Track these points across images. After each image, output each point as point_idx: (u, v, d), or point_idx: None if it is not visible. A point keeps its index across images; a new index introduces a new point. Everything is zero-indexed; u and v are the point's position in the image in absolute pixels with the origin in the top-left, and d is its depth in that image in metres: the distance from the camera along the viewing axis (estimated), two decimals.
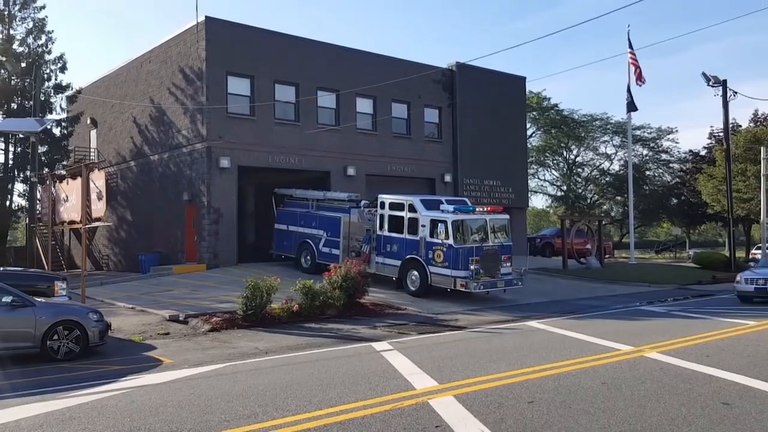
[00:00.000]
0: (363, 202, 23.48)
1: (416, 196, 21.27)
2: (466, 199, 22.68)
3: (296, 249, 24.69)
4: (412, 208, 20.37)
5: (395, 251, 20.71)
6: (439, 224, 19.18)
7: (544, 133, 62.21)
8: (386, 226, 21.09)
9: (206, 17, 27.09)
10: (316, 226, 24.02)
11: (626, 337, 12.73)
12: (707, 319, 15.59)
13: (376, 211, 21.64)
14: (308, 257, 24.13)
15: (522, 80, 38.61)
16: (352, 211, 23.04)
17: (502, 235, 20.09)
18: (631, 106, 37.51)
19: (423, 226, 19.76)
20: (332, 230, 23.25)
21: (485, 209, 20.31)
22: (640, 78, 36.02)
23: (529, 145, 51.73)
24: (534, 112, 57.88)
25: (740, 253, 43.84)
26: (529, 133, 53.26)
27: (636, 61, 36.18)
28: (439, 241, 19.10)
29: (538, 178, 64.29)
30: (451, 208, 19.66)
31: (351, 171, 30.05)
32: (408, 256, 20.16)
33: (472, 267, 18.55)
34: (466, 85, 34.55)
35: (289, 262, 25.36)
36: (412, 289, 19.93)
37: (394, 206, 21.09)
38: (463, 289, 18.54)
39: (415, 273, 19.90)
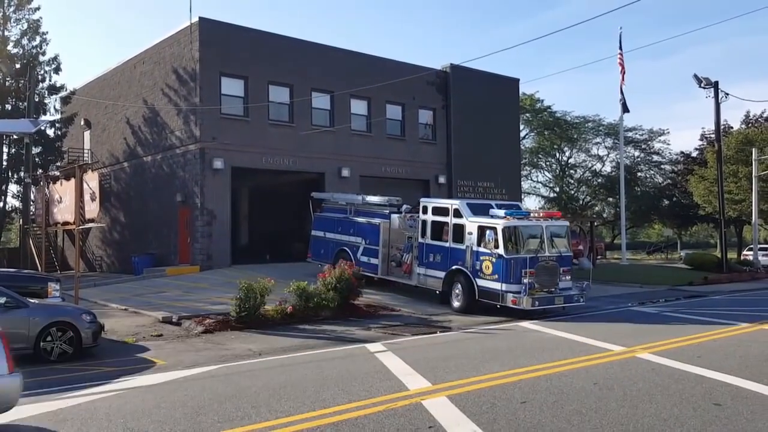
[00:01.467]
0: (404, 207, 21.21)
1: (463, 200, 19.18)
2: (518, 204, 20.62)
3: (333, 257, 21.91)
4: (457, 213, 18.15)
5: (439, 261, 18.50)
6: (488, 231, 16.86)
7: (537, 135, 62.40)
8: (429, 234, 18.97)
9: (200, 18, 27.07)
10: (354, 233, 21.89)
11: (618, 337, 12.79)
12: (699, 320, 15.69)
13: (418, 216, 19.64)
14: None
15: (515, 82, 38.73)
16: (393, 216, 20.80)
17: (561, 244, 17.50)
18: (624, 108, 37.74)
19: (470, 233, 17.50)
20: (371, 237, 21.12)
21: (541, 214, 17.87)
22: (622, 79, 36.57)
23: (522, 147, 51.87)
24: (527, 114, 58.05)
25: (732, 255, 44.05)
26: (522, 134, 53.41)
27: (622, 62, 36.60)
28: (488, 251, 16.81)
29: (531, 180, 64.50)
30: (502, 212, 17.27)
31: (345, 172, 30.07)
32: (453, 267, 17.91)
33: (525, 280, 16.15)
34: (459, 86, 34.63)
35: (286, 264, 25.31)
36: (456, 304, 17.74)
37: (437, 211, 19.02)
38: (514, 306, 16.22)
39: (460, 286, 17.67)
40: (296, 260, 28.40)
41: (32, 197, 31.03)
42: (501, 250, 16.52)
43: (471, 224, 17.59)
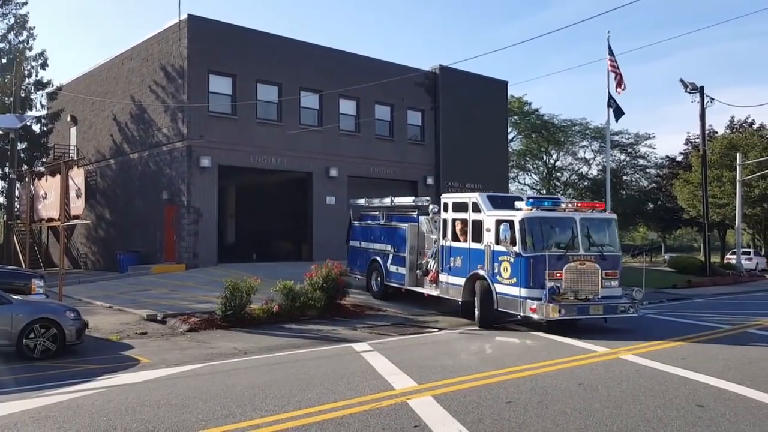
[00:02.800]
0: (431, 207, 18.05)
1: (483, 194, 16.00)
2: (560, 197, 16.58)
3: (367, 269, 20.29)
4: (475, 208, 15.50)
5: (459, 266, 15.88)
6: (504, 225, 14.07)
7: (525, 138, 62.70)
8: (449, 234, 16.36)
9: (189, 15, 26.95)
10: (384, 240, 19.59)
11: (602, 339, 12.88)
12: (682, 323, 15.83)
13: (440, 215, 17.13)
14: (378, 278, 19.71)
15: (504, 84, 38.89)
16: (420, 219, 18.45)
17: (604, 241, 14.44)
18: (619, 112, 37.71)
19: (488, 229, 14.87)
20: (399, 244, 18.69)
21: (576, 204, 14.72)
22: (620, 85, 36.16)
23: (509, 149, 52.10)
24: (515, 117, 58.33)
25: (715, 258, 44.51)
26: (509, 137, 53.64)
27: (616, 67, 36.44)
28: (506, 250, 14.05)
29: (519, 182, 64.80)
30: (524, 204, 14.54)
31: (333, 172, 30.05)
32: (473, 272, 15.21)
33: (549, 284, 13.23)
34: (448, 88, 34.72)
35: (273, 264, 25.23)
36: (477, 313, 15.13)
37: (456, 207, 16.32)
38: (534, 316, 13.38)
39: (479, 294, 14.99)
40: (283, 259, 28.37)
41: (17, 193, 30.79)
42: (519, 248, 13.76)
43: (489, 219, 14.85)
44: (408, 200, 20.00)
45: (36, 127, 34.60)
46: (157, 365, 10.65)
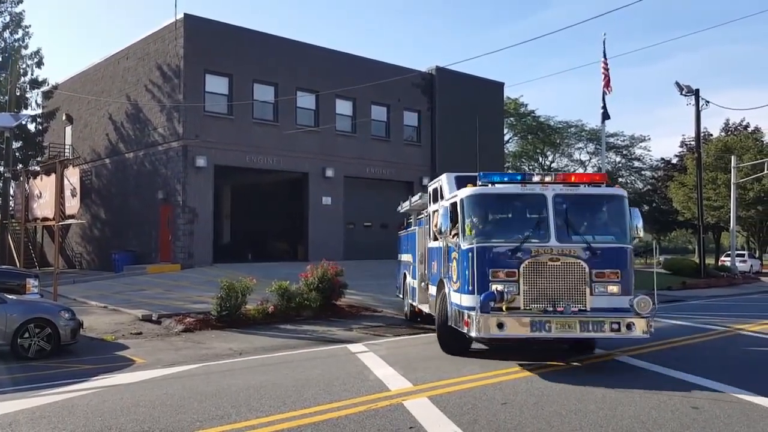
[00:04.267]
0: None
1: (453, 174, 12.41)
2: (532, 173, 12.20)
3: (402, 286, 17.28)
4: (441, 195, 12.40)
5: (435, 272, 12.65)
6: (443, 209, 10.99)
7: (521, 139, 62.84)
8: (430, 232, 13.41)
9: (185, 14, 26.94)
10: (407, 250, 16.29)
11: (597, 341, 12.88)
12: (677, 324, 15.85)
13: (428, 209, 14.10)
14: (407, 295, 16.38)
15: (500, 86, 38.97)
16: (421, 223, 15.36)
17: (597, 228, 10.42)
18: (605, 115, 37.88)
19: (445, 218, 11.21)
20: (414, 252, 15.00)
21: (554, 178, 10.38)
22: (607, 86, 36.39)
23: (505, 151, 52.18)
24: (511, 118, 58.45)
25: (710, 260, 44.65)
26: (505, 138, 53.74)
27: (607, 69, 36.60)
28: (454, 243, 10.67)
29: None
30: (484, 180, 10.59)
31: (329, 173, 30.05)
32: (440, 278, 11.90)
33: (493, 287, 9.49)
34: (445, 89, 34.78)
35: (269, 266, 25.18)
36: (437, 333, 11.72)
37: (433, 196, 13.44)
38: (472, 333, 9.59)
39: (438, 307, 11.73)
40: (278, 260, 28.36)
41: (12, 192, 30.69)
42: (459, 239, 10.31)
43: (444, 205, 11.40)
44: (417, 198, 16.36)
45: (31, 126, 34.51)
46: (152, 365, 10.63)
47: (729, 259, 39.86)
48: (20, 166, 31.95)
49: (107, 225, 31.97)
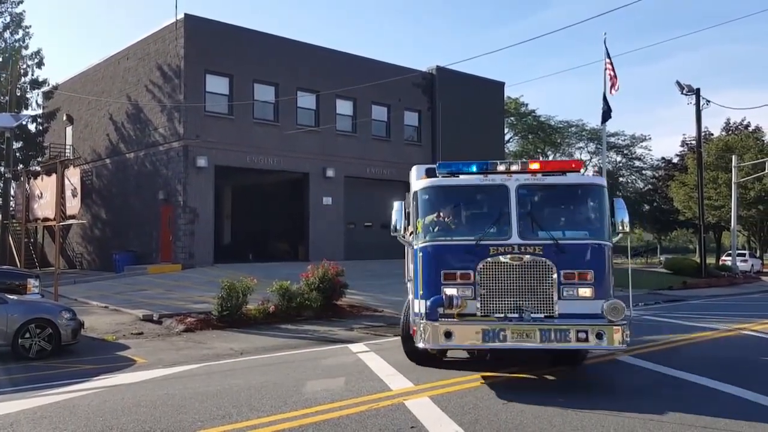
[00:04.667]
0: None
1: (424, 166, 10.52)
2: (497, 162, 9.53)
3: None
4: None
5: (411, 275, 10.40)
6: (398, 204, 9.67)
7: (521, 139, 62.85)
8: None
9: (185, 14, 26.95)
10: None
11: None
12: (677, 324, 15.84)
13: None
14: None
15: (501, 85, 38.97)
16: None
17: (573, 223, 9.24)
18: (606, 116, 37.83)
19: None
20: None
21: (521, 166, 9.15)
22: (613, 86, 36.21)
23: (506, 150, 52.20)
24: (512, 118, 58.46)
25: (710, 260, 44.64)
26: (506, 138, 53.75)
27: (612, 69, 36.45)
28: (409, 242, 9.62)
29: None
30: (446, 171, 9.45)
31: (330, 173, 30.06)
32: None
33: (446, 290, 8.46)
34: (445, 89, 34.77)
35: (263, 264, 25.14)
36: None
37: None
38: (415, 342, 8.84)
39: (403, 313, 10.36)
40: (279, 260, 28.36)
41: (12, 192, 30.71)
42: (411, 237, 9.42)
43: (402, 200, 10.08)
44: None
45: (32, 127, 34.52)
46: (153, 365, 10.63)
47: (730, 258, 39.85)
48: (21, 166, 31.96)
49: (108, 225, 31.99)
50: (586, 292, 8.48)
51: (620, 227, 8.92)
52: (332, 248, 27.57)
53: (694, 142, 42.01)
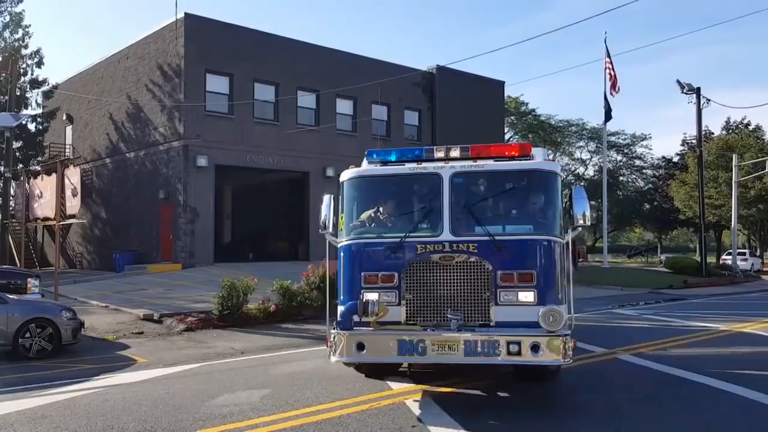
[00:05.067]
0: None
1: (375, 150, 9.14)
2: (434, 147, 8.68)
3: None
4: None
5: None
6: (327, 197, 8.45)
7: (522, 138, 62.79)
8: None
9: (185, 14, 26.94)
10: None
11: (599, 339, 12.87)
12: (678, 323, 15.82)
13: None
14: None
15: (501, 84, 38.97)
16: None
17: (516, 216, 8.13)
18: (608, 115, 37.89)
19: None
20: None
21: (462, 153, 8.11)
22: (614, 87, 36.20)
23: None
24: (512, 117, 58.44)
25: (711, 259, 44.63)
26: (506, 137, 53.74)
27: (612, 69, 36.48)
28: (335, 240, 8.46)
29: None
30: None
31: (330, 172, 30.04)
32: None
33: (366, 296, 7.47)
34: (445, 88, 34.76)
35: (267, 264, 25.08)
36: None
37: None
38: (328, 354, 7.57)
39: None
40: (279, 259, 28.35)
41: (12, 192, 30.67)
42: (335, 236, 8.36)
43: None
44: None
45: (31, 126, 34.51)
46: (154, 365, 10.62)
47: (730, 257, 39.83)
48: (21, 166, 31.95)
49: (108, 225, 31.98)
50: (527, 296, 7.30)
51: (579, 221, 7.74)
52: (332, 248, 27.56)
53: (694, 141, 42.00)
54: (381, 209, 8.16)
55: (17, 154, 32.14)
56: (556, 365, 7.53)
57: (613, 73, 36.00)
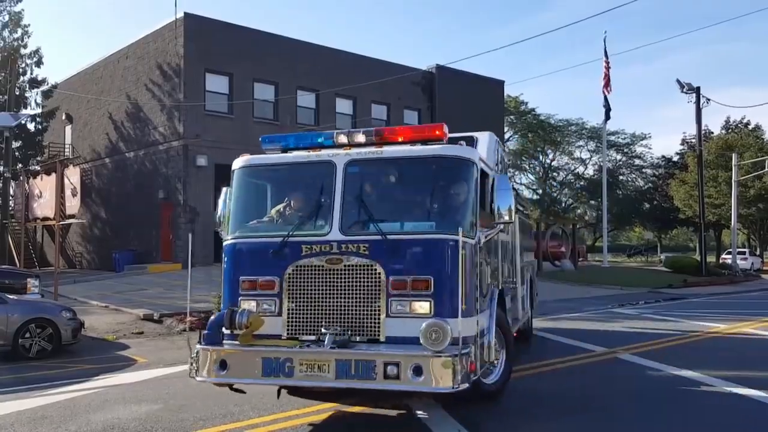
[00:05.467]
0: None
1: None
2: (334, 131, 7.40)
3: None
4: None
5: None
6: (226, 191, 7.64)
7: (521, 137, 62.83)
8: None
9: (185, 13, 26.92)
10: None
11: (599, 338, 12.87)
12: (678, 322, 15.82)
13: None
14: None
15: (501, 84, 38.97)
16: None
17: (419, 211, 6.83)
18: (607, 114, 38.00)
19: None
20: None
21: (367, 138, 7.01)
22: (606, 86, 36.53)
23: (506, 149, 52.20)
24: (511, 116, 58.45)
25: (711, 258, 44.63)
26: (506, 136, 53.74)
27: (608, 69, 36.72)
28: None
29: (515, 182, 64.96)
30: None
31: None
32: None
33: (244, 304, 6.61)
34: (445, 87, 34.75)
35: None
36: None
37: None
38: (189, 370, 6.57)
39: None
40: None
41: (12, 192, 30.67)
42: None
43: None
44: None
45: (31, 126, 34.48)
46: (154, 365, 10.61)
47: (730, 257, 39.84)
48: (20, 165, 31.93)
49: (108, 224, 31.96)
50: (422, 306, 6.14)
51: (503, 216, 6.64)
52: None
53: (694, 140, 41.99)
54: (270, 204, 7.24)
55: (16, 153, 32.12)
56: (440, 392, 5.87)
57: (606, 72, 36.29)
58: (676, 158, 57.06)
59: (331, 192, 6.54)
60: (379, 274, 6.22)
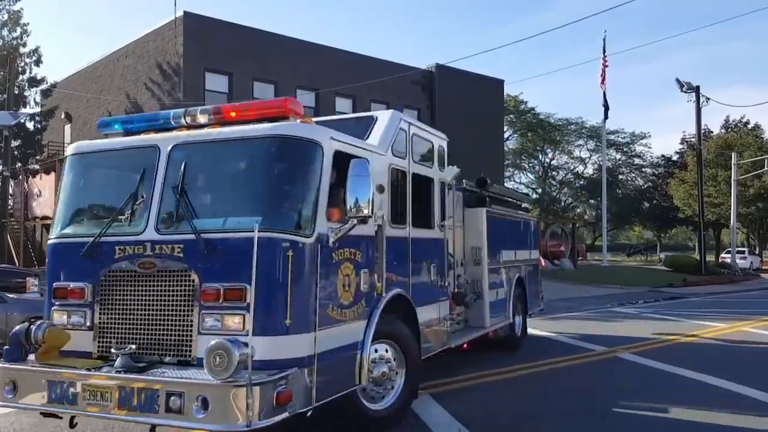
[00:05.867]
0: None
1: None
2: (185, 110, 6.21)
3: None
4: None
5: None
6: None
7: (521, 137, 62.84)
8: None
9: (185, 12, 26.88)
10: None
11: (599, 338, 12.88)
12: (679, 322, 15.83)
13: None
14: None
15: (500, 83, 38.95)
16: None
17: (254, 204, 5.51)
18: (606, 113, 38.10)
19: None
20: None
21: (210, 117, 5.94)
22: (602, 83, 36.88)
23: (505, 148, 52.19)
24: (511, 115, 58.45)
25: (710, 257, 44.67)
26: (505, 135, 53.76)
27: (605, 66, 36.94)
28: None
29: (514, 181, 65.01)
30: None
31: None
32: None
33: (55, 316, 5.75)
34: (445, 86, 34.74)
35: None
36: None
37: None
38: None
39: None
40: None
41: (11, 191, 30.63)
42: None
43: None
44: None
45: (30, 125, 34.43)
46: None
47: (729, 256, 39.88)
48: (19, 164, 31.90)
49: None
50: (235, 321, 5.07)
51: (355, 210, 5.47)
52: None
53: (693, 139, 42.04)
54: (99, 196, 6.33)
55: (16, 152, 32.09)
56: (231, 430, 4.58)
57: (603, 69, 36.54)
58: (675, 157, 57.11)
59: (151, 182, 5.58)
60: (194, 281, 5.20)
